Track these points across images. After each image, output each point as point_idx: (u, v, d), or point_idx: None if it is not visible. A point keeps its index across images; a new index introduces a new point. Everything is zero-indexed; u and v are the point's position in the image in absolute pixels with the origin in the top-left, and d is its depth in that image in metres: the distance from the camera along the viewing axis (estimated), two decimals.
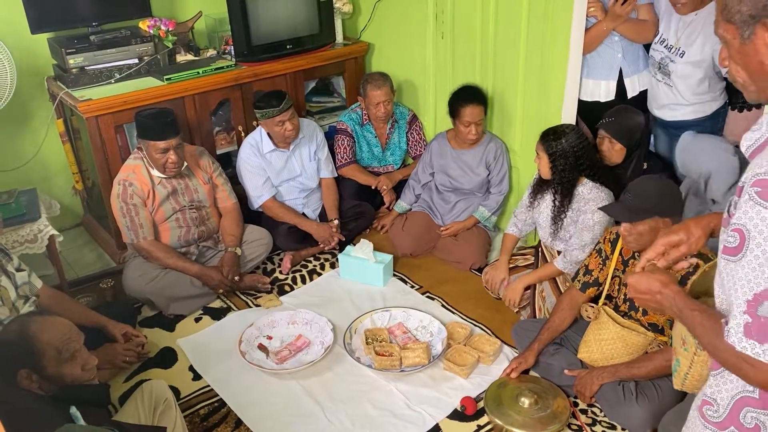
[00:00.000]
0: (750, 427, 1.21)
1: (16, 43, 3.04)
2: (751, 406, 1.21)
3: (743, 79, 1.17)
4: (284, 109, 3.19)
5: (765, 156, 1.06)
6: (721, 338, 1.12)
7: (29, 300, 2.43)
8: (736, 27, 1.14)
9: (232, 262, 3.10)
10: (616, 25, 2.92)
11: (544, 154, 2.71)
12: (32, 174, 3.50)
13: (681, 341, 1.66)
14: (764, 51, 1.10)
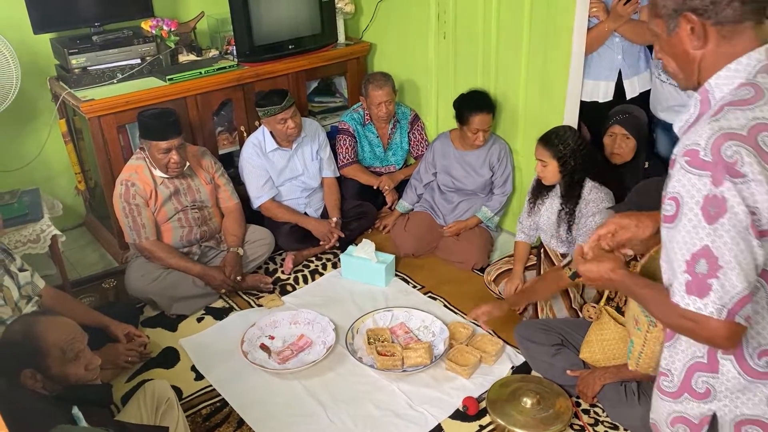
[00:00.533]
0: (701, 392, 1.29)
1: (18, 43, 3.04)
2: (701, 371, 1.29)
3: (673, 69, 1.30)
4: (286, 106, 3.19)
5: (694, 131, 1.17)
6: (669, 302, 1.20)
7: (32, 300, 2.43)
8: (663, 21, 1.25)
9: (234, 262, 3.10)
10: (618, 26, 2.91)
11: (552, 160, 2.66)
12: (35, 174, 3.50)
13: (634, 322, 1.75)
14: (687, 40, 1.23)
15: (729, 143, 1.12)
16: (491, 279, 3.09)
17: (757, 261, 1.15)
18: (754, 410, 1.28)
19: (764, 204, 1.12)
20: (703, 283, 1.15)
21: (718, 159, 1.12)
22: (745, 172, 1.11)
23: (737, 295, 1.14)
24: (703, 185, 1.13)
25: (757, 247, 1.14)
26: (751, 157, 1.12)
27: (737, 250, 1.13)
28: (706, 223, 1.13)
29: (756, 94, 1.17)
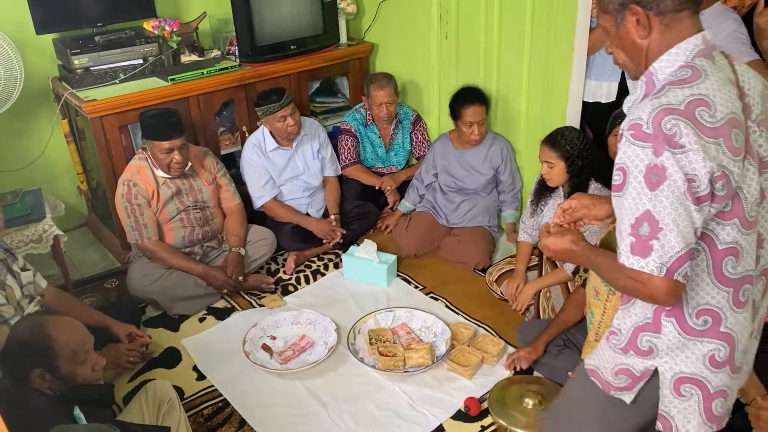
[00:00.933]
0: (645, 349, 1.42)
1: (21, 43, 3.05)
2: (647, 331, 1.41)
3: (623, 60, 1.41)
4: (285, 104, 3.19)
5: (638, 107, 1.28)
6: (618, 266, 1.30)
7: (34, 300, 2.44)
8: (611, 15, 1.38)
9: (236, 262, 3.10)
10: None
11: (560, 161, 2.64)
12: (37, 174, 3.51)
13: (594, 293, 1.85)
14: (633, 31, 1.34)
15: (668, 117, 1.22)
16: (493, 279, 3.09)
17: (695, 224, 1.25)
18: (691, 368, 1.38)
19: (702, 171, 1.21)
20: (646, 244, 1.25)
21: (658, 132, 1.22)
22: (683, 143, 1.21)
23: (675, 255, 1.24)
24: (645, 155, 1.23)
25: (695, 211, 1.23)
26: (688, 128, 1.21)
27: (675, 214, 1.23)
28: (648, 190, 1.23)
29: (693, 74, 1.27)
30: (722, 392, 1.40)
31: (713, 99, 1.24)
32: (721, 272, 1.33)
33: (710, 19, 2.73)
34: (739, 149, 1.26)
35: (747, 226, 1.32)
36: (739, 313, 1.37)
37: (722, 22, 2.70)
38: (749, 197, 1.30)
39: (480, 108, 3.21)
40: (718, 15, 2.72)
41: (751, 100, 1.33)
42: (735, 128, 1.25)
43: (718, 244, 1.31)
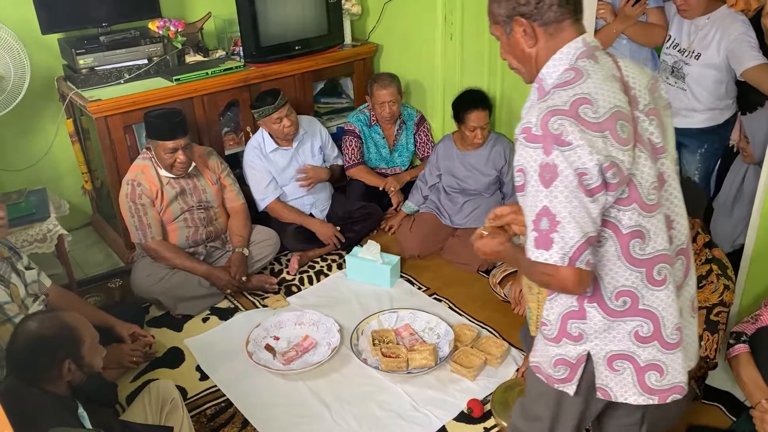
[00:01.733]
0: (575, 335, 1.49)
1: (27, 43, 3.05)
2: (573, 318, 1.48)
3: (516, 66, 1.51)
4: (279, 105, 3.20)
5: (529, 112, 1.35)
6: (532, 261, 1.37)
7: (38, 299, 2.44)
8: (501, 26, 1.46)
9: (239, 262, 3.10)
10: (626, 27, 2.90)
11: None
12: (42, 174, 3.52)
13: (528, 288, 1.93)
14: (522, 40, 1.43)
15: (554, 118, 1.30)
16: (497, 281, 3.08)
17: (591, 214, 1.32)
18: (620, 345, 1.47)
19: (590, 164, 1.28)
20: (547, 237, 1.33)
21: (546, 132, 1.30)
22: (570, 141, 1.28)
23: (575, 245, 1.31)
24: (537, 156, 1.31)
25: (590, 202, 1.31)
26: (573, 126, 1.29)
27: (571, 207, 1.30)
28: (543, 187, 1.31)
29: (576, 75, 1.36)
30: (655, 366, 1.47)
31: (595, 96, 1.32)
32: (630, 255, 1.40)
33: (718, 23, 2.72)
34: (627, 139, 1.33)
35: (647, 209, 1.39)
36: (657, 290, 1.43)
37: (730, 25, 2.69)
38: (644, 182, 1.37)
39: (483, 113, 3.21)
40: (725, 18, 2.71)
41: (636, 92, 1.42)
42: (620, 120, 1.33)
43: (622, 229, 1.38)
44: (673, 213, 1.48)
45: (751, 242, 2.44)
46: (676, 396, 1.51)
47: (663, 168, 1.44)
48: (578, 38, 1.40)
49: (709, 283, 2.19)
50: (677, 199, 1.48)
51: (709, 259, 2.23)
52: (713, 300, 2.18)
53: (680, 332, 1.48)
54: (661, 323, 1.46)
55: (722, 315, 2.19)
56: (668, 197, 1.46)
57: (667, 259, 1.43)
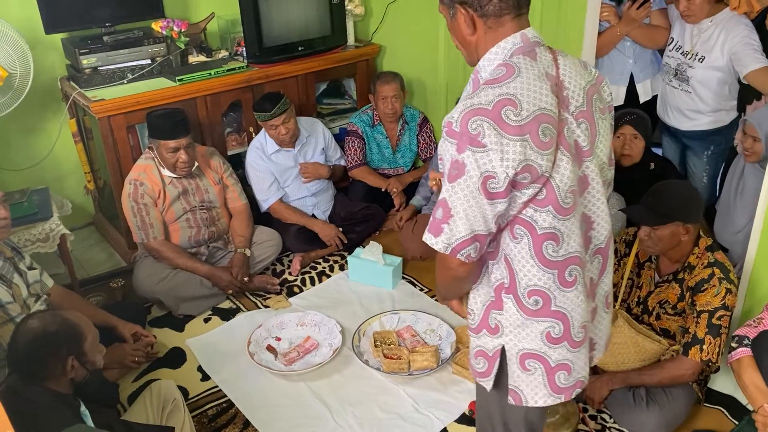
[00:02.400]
0: (493, 327, 1.54)
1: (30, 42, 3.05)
2: (493, 309, 1.52)
3: (459, 47, 1.52)
4: (276, 114, 3.20)
5: (457, 107, 1.37)
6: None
7: (40, 298, 2.44)
8: (446, 7, 1.47)
9: (241, 263, 3.10)
10: (630, 30, 2.90)
11: None
12: (45, 173, 3.52)
13: None
14: (464, 26, 1.44)
15: (475, 118, 1.32)
16: None
17: (486, 216, 1.36)
18: (532, 344, 1.50)
19: (499, 170, 1.32)
20: (438, 225, 1.40)
21: (464, 131, 1.33)
22: (485, 143, 1.31)
23: (460, 239, 1.38)
24: (452, 151, 1.36)
25: (487, 205, 1.35)
26: (491, 129, 1.31)
27: (467, 205, 1.35)
28: (448, 182, 1.37)
29: (507, 72, 1.37)
30: (564, 365, 1.52)
31: (520, 98, 1.34)
32: (542, 255, 1.43)
33: (721, 25, 2.72)
34: (548, 143, 1.35)
35: (562, 212, 1.41)
36: (568, 292, 1.48)
37: (734, 28, 2.69)
38: (562, 186, 1.39)
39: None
40: (729, 21, 2.71)
41: (570, 93, 1.43)
42: (543, 123, 1.34)
43: (537, 229, 1.41)
44: (594, 214, 1.52)
45: (754, 245, 2.43)
46: (578, 390, 1.58)
47: (587, 171, 1.47)
48: (517, 33, 1.42)
49: (711, 286, 2.19)
50: (600, 201, 1.51)
51: (711, 263, 2.22)
52: (715, 303, 2.18)
53: (585, 330, 1.54)
54: (570, 323, 1.50)
55: (725, 319, 2.19)
56: (591, 199, 1.50)
57: (578, 261, 1.47)
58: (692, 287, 2.23)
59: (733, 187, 2.72)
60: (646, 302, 2.38)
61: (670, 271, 2.31)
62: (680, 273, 2.28)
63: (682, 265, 2.28)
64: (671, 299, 2.31)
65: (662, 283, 2.34)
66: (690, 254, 2.27)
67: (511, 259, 1.46)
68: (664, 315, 2.34)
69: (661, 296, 2.34)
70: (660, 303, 2.35)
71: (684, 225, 2.19)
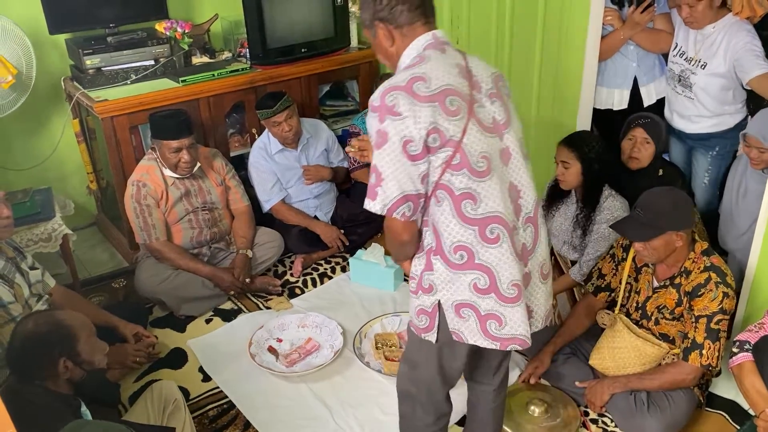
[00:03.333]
0: (427, 287, 1.72)
1: (34, 42, 3.07)
2: (426, 270, 1.71)
3: (384, 62, 1.77)
4: (279, 110, 3.20)
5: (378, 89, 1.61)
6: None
7: (42, 298, 2.45)
8: (368, 29, 1.72)
9: (243, 264, 3.11)
10: (634, 34, 2.90)
11: (577, 162, 2.62)
12: (48, 173, 3.53)
13: None
14: (384, 41, 1.70)
15: (391, 93, 1.57)
16: None
17: (411, 176, 1.58)
18: (463, 295, 1.68)
19: (415, 133, 1.54)
20: (373, 190, 1.60)
21: (383, 104, 1.57)
22: (400, 112, 1.55)
23: (393, 199, 1.59)
24: (375, 123, 1.58)
25: (410, 166, 1.57)
26: (405, 99, 1.55)
27: (393, 168, 1.57)
28: (376, 149, 1.59)
29: (419, 60, 1.63)
30: (494, 316, 1.68)
31: (430, 75, 1.58)
32: (462, 213, 1.63)
33: (724, 31, 2.71)
34: (455, 111, 1.58)
35: (477, 175, 1.61)
36: (491, 248, 1.65)
37: (736, 34, 2.69)
38: (473, 151, 1.60)
39: None
40: (731, 27, 2.70)
41: (479, 79, 1.67)
42: (450, 96, 1.58)
43: (455, 191, 1.61)
44: (520, 183, 1.72)
45: (756, 250, 2.43)
46: (516, 346, 1.74)
47: (508, 143, 1.70)
48: (428, 33, 1.68)
49: (708, 291, 2.18)
50: (523, 171, 1.73)
51: (708, 267, 2.21)
52: (713, 308, 2.17)
53: (518, 288, 1.68)
54: (497, 278, 1.66)
55: (723, 323, 2.18)
56: (514, 169, 1.71)
57: (500, 221, 1.65)
58: (689, 292, 2.23)
59: (734, 190, 2.71)
60: (645, 307, 2.38)
61: (667, 275, 2.30)
62: (677, 278, 2.28)
63: (678, 270, 2.27)
64: (669, 305, 2.31)
65: (660, 288, 2.33)
66: (686, 259, 2.26)
67: (437, 222, 1.65)
68: (662, 320, 2.34)
69: (659, 301, 2.34)
70: (658, 308, 2.34)
71: (677, 233, 2.17)
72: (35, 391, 1.86)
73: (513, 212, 1.70)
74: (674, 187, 2.35)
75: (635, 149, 2.76)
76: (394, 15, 1.66)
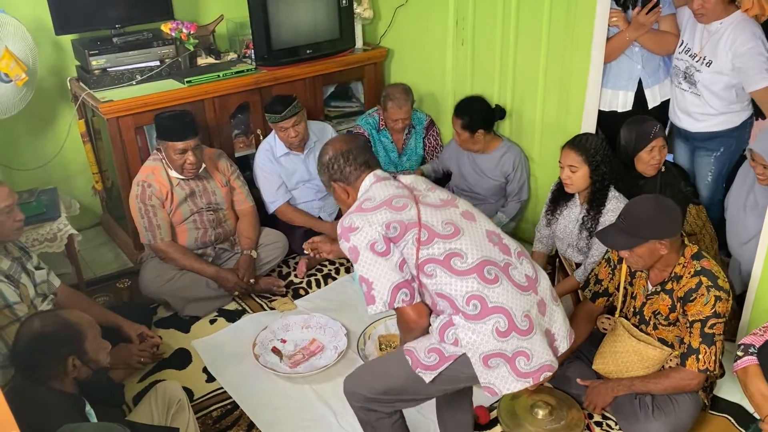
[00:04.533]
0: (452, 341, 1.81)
1: (40, 43, 3.08)
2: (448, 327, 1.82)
3: (342, 208, 2.06)
4: (287, 116, 3.19)
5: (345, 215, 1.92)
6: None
7: (47, 298, 2.45)
8: (328, 187, 2.07)
9: (247, 264, 3.11)
10: (639, 35, 2.89)
11: (584, 165, 2.61)
12: (53, 173, 3.54)
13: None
14: (341, 194, 2.04)
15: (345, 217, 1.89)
16: None
17: (392, 268, 1.81)
18: (488, 346, 1.76)
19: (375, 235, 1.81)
20: (369, 295, 1.83)
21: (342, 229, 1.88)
22: (357, 226, 1.83)
23: (388, 292, 1.81)
24: (345, 245, 1.87)
25: (384, 261, 1.81)
26: (357, 216, 1.85)
27: (374, 269, 1.81)
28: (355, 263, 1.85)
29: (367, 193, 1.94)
30: (521, 353, 1.78)
31: (373, 195, 1.90)
32: (456, 270, 1.79)
33: (730, 28, 2.71)
34: (402, 206, 1.85)
35: (449, 237, 1.83)
36: (495, 287, 1.80)
37: (741, 33, 2.68)
38: (436, 223, 1.84)
39: (457, 121, 3.22)
40: (738, 24, 2.69)
41: (415, 185, 1.99)
42: (394, 199, 1.87)
43: (438, 257, 1.80)
44: (495, 230, 1.95)
45: (762, 254, 2.42)
46: (547, 374, 1.82)
47: (464, 207, 1.96)
48: (371, 174, 1.99)
49: (700, 296, 2.17)
50: (489, 222, 1.97)
51: (698, 272, 2.19)
52: (706, 312, 2.16)
53: (529, 319, 1.81)
54: (512, 314, 1.78)
55: (717, 326, 2.17)
56: (483, 223, 1.94)
57: (493, 263, 1.83)
58: (682, 297, 2.21)
59: (742, 198, 2.68)
60: (642, 312, 2.37)
61: (659, 280, 2.29)
62: (668, 283, 2.26)
63: (669, 276, 2.26)
64: (663, 311, 2.30)
65: (653, 295, 2.32)
66: (676, 264, 2.24)
67: (441, 289, 1.80)
68: (660, 325, 2.33)
69: (654, 306, 2.33)
70: (654, 313, 2.33)
71: (659, 241, 2.15)
72: (40, 391, 1.87)
73: (501, 252, 1.88)
74: (659, 195, 2.31)
75: (659, 156, 2.74)
76: (345, 175, 1.99)
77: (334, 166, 2.00)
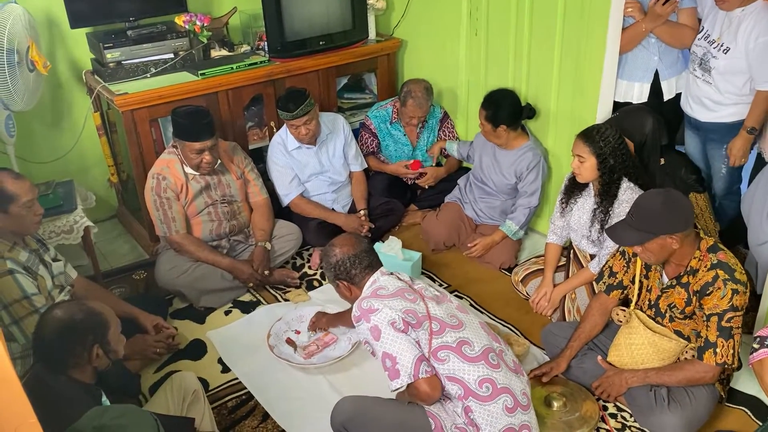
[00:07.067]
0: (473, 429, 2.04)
1: (56, 37, 3.10)
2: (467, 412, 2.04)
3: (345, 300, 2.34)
4: (298, 115, 3.18)
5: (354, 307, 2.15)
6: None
7: (64, 290, 2.48)
8: (332, 282, 2.28)
9: (262, 256, 3.12)
10: (655, 26, 2.86)
11: (591, 156, 2.59)
12: (70, 166, 3.57)
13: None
14: (345, 291, 2.26)
15: (363, 301, 2.09)
16: (519, 279, 3.06)
17: (411, 344, 2.02)
18: (502, 422, 2.00)
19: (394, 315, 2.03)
20: (394, 370, 2.00)
21: (362, 312, 2.07)
22: (377, 308, 2.04)
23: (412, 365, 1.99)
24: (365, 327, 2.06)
25: (404, 337, 2.01)
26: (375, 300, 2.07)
27: (397, 345, 2.02)
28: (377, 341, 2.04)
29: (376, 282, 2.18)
30: (525, 426, 2.04)
31: (385, 285, 2.13)
32: (467, 356, 2.03)
33: (751, 16, 2.67)
34: (413, 299, 2.10)
35: (457, 327, 2.08)
36: (499, 371, 2.05)
37: (761, 20, 2.64)
38: (442, 315, 2.09)
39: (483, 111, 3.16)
40: (759, 12, 2.66)
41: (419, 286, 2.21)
42: (405, 291, 2.11)
43: (451, 344, 2.03)
44: (484, 324, 2.21)
45: None
46: None
47: (456, 302, 2.24)
48: (377, 272, 2.20)
49: (717, 289, 2.14)
50: (474, 316, 2.23)
51: (714, 265, 2.17)
52: (723, 306, 2.14)
53: (527, 396, 2.10)
54: (514, 392, 2.04)
55: (735, 320, 2.15)
56: (473, 317, 2.20)
57: (492, 350, 2.10)
58: (698, 291, 2.19)
59: (759, 199, 2.63)
60: (658, 305, 2.35)
61: (675, 273, 2.27)
62: (684, 277, 2.24)
63: (684, 269, 2.24)
64: (679, 304, 2.28)
65: (668, 288, 2.30)
66: (691, 257, 2.22)
67: (454, 373, 2.01)
68: (676, 318, 2.31)
69: (669, 300, 2.31)
70: (669, 306, 2.32)
71: (670, 236, 2.13)
72: (59, 381, 1.89)
73: (494, 341, 2.15)
74: (670, 189, 2.29)
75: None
76: (350, 276, 2.19)
77: (340, 268, 2.20)
